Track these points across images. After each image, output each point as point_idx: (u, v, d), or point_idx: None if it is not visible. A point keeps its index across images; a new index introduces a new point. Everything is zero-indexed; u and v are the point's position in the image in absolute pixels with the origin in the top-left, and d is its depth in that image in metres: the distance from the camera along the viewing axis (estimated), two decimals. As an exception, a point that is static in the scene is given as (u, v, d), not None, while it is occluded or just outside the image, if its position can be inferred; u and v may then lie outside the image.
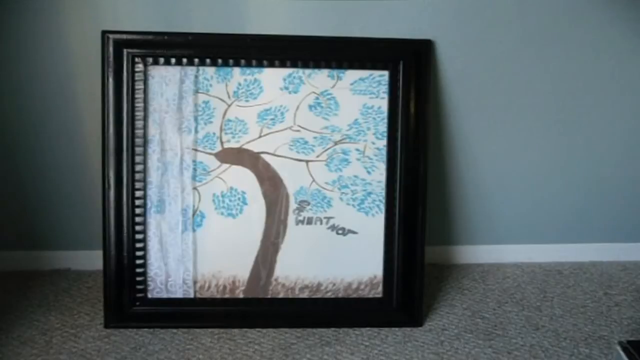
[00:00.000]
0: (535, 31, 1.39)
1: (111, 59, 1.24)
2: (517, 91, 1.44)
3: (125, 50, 1.24)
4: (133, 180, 1.26)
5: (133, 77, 1.25)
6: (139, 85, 1.25)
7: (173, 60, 1.26)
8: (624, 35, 1.40)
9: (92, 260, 1.42)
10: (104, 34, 1.25)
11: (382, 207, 1.31)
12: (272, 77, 1.29)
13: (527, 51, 1.40)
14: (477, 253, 1.59)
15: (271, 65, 1.28)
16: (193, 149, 1.28)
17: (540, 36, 1.39)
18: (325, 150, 1.31)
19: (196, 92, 1.27)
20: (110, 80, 1.24)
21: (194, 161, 1.29)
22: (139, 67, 1.25)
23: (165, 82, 1.26)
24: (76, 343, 1.22)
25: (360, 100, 1.30)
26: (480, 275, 1.53)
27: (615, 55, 1.42)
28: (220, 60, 1.27)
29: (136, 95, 1.25)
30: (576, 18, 1.38)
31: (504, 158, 1.50)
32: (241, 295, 1.30)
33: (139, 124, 1.26)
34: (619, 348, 1.04)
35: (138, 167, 1.26)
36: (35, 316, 1.31)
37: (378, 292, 1.32)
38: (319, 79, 1.29)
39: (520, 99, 1.45)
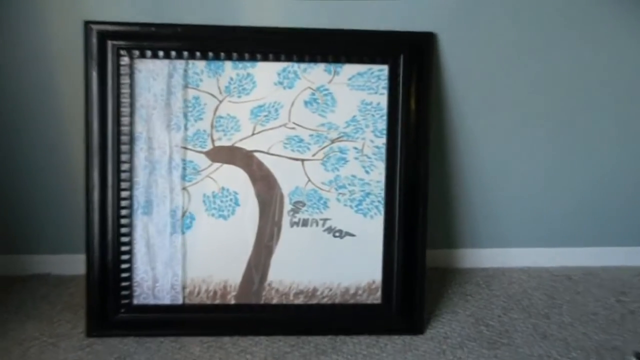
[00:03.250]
0: (541, 24, 1.39)
1: (94, 51, 1.23)
2: (522, 84, 1.44)
3: (109, 42, 1.24)
4: (119, 180, 1.25)
5: (118, 71, 1.24)
6: (125, 80, 1.25)
7: (161, 53, 1.25)
8: (630, 32, 1.40)
9: (74, 264, 1.41)
10: (87, 24, 1.24)
11: (381, 208, 1.30)
12: (265, 72, 1.28)
13: (533, 45, 1.40)
14: (481, 257, 1.58)
15: (265, 59, 1.28)
16: (182, 147, 1.27)
17: (546, 30, 1.39)
18: (322, 148, 1.30)
19: (185, 87, 1.27)
20: (94, 74, 1.23)
21: (184, 160, 1.28)
22: (125, 60, 1.24)
23: (152, 76, 1.26)
24: (55, 353, 1.20)
25: (358, 96, 1.30)
26: (485, 281, 1.52)
27: (620, 51, 1.42)
28: (211, 54, 1.26)
29: (122, 91, 1.25)
30: (582, 13, 1.38)
31: (509, 156, 1.50)
32: (233, 301, 1.29)
33: (124, 120, 1.25)
34: (633, 359, 1.00)
35: (124, 167, 1.26)
36: (11, 325, 1.29)
37: (377, 297, 1.31)
38: (315, 73, 1.29)
39: (526, 94, 1.44)
